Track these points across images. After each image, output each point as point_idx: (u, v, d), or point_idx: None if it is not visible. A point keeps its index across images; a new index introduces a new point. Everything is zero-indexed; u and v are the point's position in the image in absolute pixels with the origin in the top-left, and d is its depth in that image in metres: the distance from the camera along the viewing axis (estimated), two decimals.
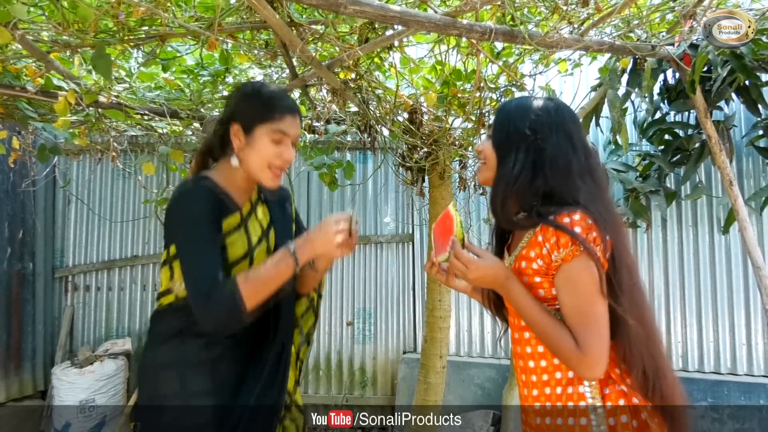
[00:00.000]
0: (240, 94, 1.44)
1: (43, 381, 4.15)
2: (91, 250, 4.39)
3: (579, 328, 1.09)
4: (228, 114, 1.42)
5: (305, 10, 1.97)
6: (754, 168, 3.40)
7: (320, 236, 1.27)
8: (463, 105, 2.51)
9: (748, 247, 2.33)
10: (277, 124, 1.36)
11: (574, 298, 1.11)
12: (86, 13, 1.59)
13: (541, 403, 1.20)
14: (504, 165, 1.21)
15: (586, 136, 1.27)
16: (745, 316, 3.38)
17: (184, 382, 1.36)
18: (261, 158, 1.36)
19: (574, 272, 1.10)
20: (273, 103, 1.38)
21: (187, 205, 1.33)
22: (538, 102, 1.25)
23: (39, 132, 2.95)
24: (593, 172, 1.20)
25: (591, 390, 1.15)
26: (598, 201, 1.15)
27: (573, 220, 1.10)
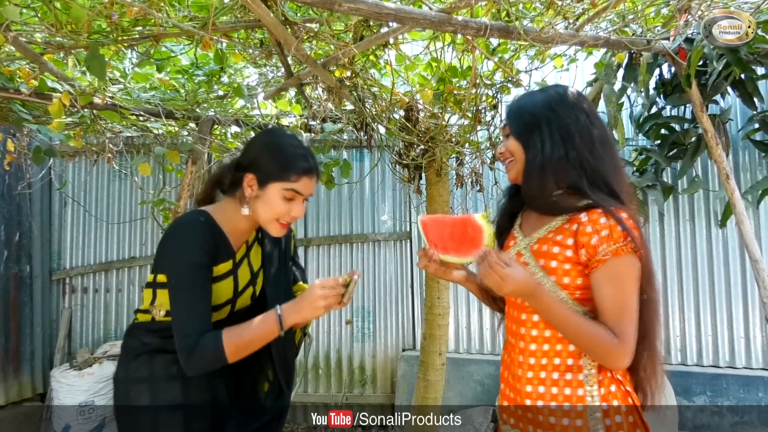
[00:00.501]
0: (262, 144, 1.43)
1: (42, 384, 4.15)
2: (88, 251, 4.38)
3: (619, 321, 1.12)
4: (246, 161, 1.40)
5: (299, 8, 1.96)
6: (751, 161, 3.41)
7: (306, 305, 1.28)
8: (459, 102, 2.51)
9: (745, 241, 2.33)
10: (293, 185, 1.36)
11: (618, 292, 1.13)
12: (79, 14, 1.58)
13: (534, 385, 1.20)
14: (532, 148, 1.21)
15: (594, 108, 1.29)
16: (743, 310, 3.39)
17: (155, 395, 1.38)
18: (270, 213, 1.37)
19: (623, 267, 1.12)
20: (292, 163, 1.37)
21: (184, 245, 1.33)
22: (546, 89, 1.28)
23: (34, 134, 2.94)
24: (610, 142, 1.24)
25: (589, 378, 1.16)
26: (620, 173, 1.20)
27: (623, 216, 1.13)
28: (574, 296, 1.17)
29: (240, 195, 1.40)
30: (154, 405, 1.37)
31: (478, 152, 2.78)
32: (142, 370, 1.40)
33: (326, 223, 4.20)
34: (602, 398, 1.14)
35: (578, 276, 1.16)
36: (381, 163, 3.89)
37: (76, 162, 4.32)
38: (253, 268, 1.49)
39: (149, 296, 1.41)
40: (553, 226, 1.21)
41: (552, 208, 1.22)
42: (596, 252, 1.12)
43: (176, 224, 1.41)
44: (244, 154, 1.44)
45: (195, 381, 1.37)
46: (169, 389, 1.38)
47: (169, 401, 1.37)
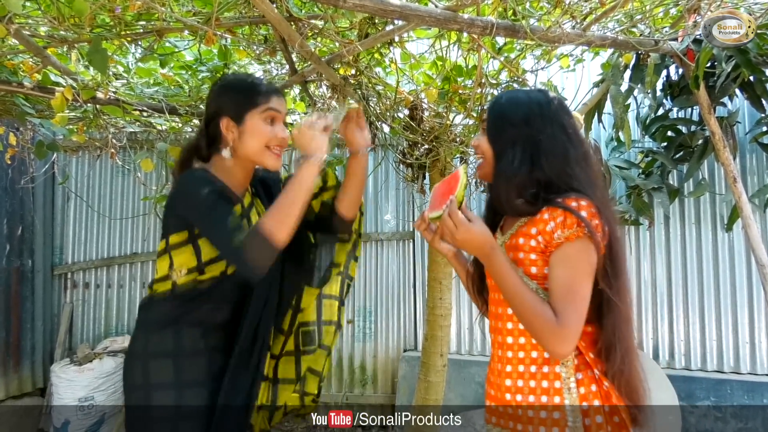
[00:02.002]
0: (220, 89, 1.45)
1: (42, 378, 4.15)
2: (90, 247, 4.38)
3: (563, 302, 1.11)
4: (212, 111, 1.42)
5: (304, 4, 1.95)
6: (758, 165, 3.38)
7: (301, 140, 1.30)
8: (464, 101, 2.49)
9: (752, 245, 2.31)
10: (266, 104, 1.38)
11: (566, 274, 1.13)
12: (82, 7, 1.57)
13: (513, 379, 1.21)
14: (502, 160, 1.23)
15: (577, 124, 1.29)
16: (748, 315, 3.36)
17: (179, 371, 1.34)
18: (259, 141, 1.38)
19: (574, 251, 1.13)
20: (256, 87, 1.41)
21: (196, 184, 1.33)
22: (529, 94, 1.28)
23: (37, 128, 2.93)
24: (588, 159, 1.23)
25: (566, 371, 1.16)
26: (595, 188, 1.19)
27: (580, 205, 1.13)
28: (544, 286, 1.18)
29: (223, 145, 1.40)
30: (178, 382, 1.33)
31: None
32: (166, 344, 1.36)
33: None
34: (581, 396, 1.14)
35: (545, 265, 1.18)
36: (384, 162, 3.87)
37: (79, 157, 4.32)
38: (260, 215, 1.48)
39: (165, 262, 1.38)
40: (522, 221, 1.24)
41: (517, 212, 1.24)
42: (552, 238, 1.14)
43: (179, 179, 1.40)
44: (208, 107, 1.45)
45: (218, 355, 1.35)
46: (194, 365, 1.35)
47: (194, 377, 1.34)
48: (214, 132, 1.42)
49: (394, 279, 4.10)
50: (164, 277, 1.39)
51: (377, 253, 4.13)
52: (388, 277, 4.10)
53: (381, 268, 4.12)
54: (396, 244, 4.11)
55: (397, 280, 4.09)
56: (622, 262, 1.18)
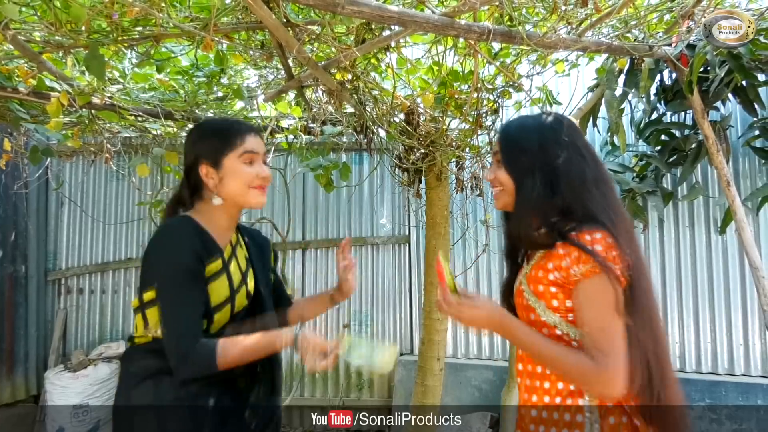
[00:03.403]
0: (196, 136, 1.45)
1: (36, 385, 4.11)
2: (84, 252, 4.35)
3: (599, 344, 1.08)
4: (191, 159, 1.41)
5: (301, 10, 1.95)
6: (751, 168, 3.41)
7: (305, 349, 1.29)
8: (460, 106, 2.50)
9: (745, 247, 2.33)
10: (243, 147, 1.37)
11: (593, 315, 1.11)
12: (79, 13, 1.56)
13: (538, 410, 1.20)
14: (523, 189, 1.21)
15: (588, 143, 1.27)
16: (742, 317, 3.39)
17: (161, 423, 1.32)
18: (240, 183, 1.37)
19: (594, 289, 1.10)
20: (231, 129, 1.40)
21: (170, 248, 1.31)
22: (538, 119, 1.26)
23: (31, 133, 2.92)
24: (605, 180, 1.21)
25: (590, 404, 1.14)
26: (612, 209, 1.16)
27: (594, 239, 1.10)
28: (567, 319, 1.16)
29: (206, 192, 1.40)
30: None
31: (479, 157, 2.77)
32: (147, 396, 1.33)
33: (325, 225, 4.19)
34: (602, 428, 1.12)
35: (566, 298, 1.15)
36: (380, 167, 3.88)
37: (74, 162, 4.30)
38: (241, 267, 1.46)
39: (141, 322, 1.36)
40: (541, 253, 1.22)
41: (535, 245, 1.23)
42: (569, 273, 1.12)
43: (159, 231, 1.38)
44: (186, 157, 1.44)
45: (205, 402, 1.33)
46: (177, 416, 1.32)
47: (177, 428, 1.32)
48: (195, 180, 1.41)
49: (390, 283, 4.10)
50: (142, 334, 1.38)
51: (373, 258, 4.13)
52: (384, 281, 4.10)
53: (377, 272, 4.12)
54: (392, 249, 4.12)
55: (392, 284, 4.09)
56: (645, 290, 1.14)
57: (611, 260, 1.09)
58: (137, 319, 1.38)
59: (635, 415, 1.13)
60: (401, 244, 4.10)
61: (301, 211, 4.19)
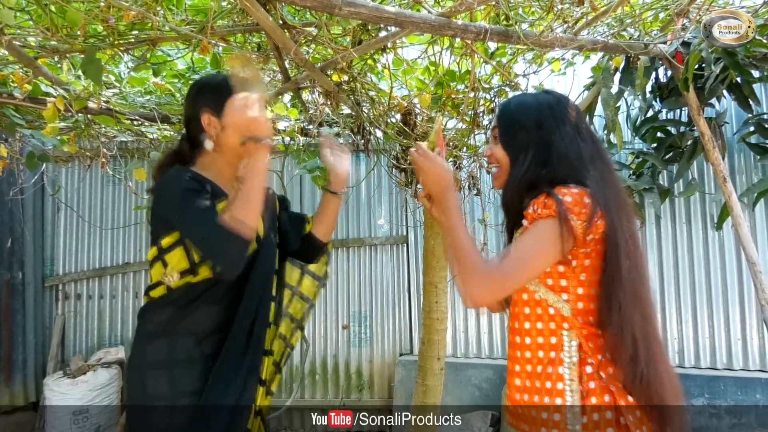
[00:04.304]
0: (197, 90, 1.47)
1: (35, 392, 4.09)
2: (81, 257, 4.34)
3: (506, 259, 1.14)
4: (192, 110, 1.43)
5: (298, 12, 1.95)
6: (746, 164, 3.42)
7: (243, 123, 1.29)
8: (457, 106, 2.50)
9: (742, 243, 2.34)
10: None
11: (522, 244, 1.15)
12: (75, 18, 1.56)
13: (521, 379, 1.22)
14: (516, 166, 1.24)
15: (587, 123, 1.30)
16: (739, 312, 3.41)
17: (174, 381, 1.33)
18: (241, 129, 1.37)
19: (541, 228, 1.13)
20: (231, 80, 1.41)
21: (172, 183, 1.33)
22: (537, 97, 1.28)
23: (27, 139, 2.91)
24: (603, 156, 1.23)
25: (569, 373, 1.15)
26: (607, 185, 1.17)
27: (569, 191, 1.12)
28: (546, 284, 1.18)
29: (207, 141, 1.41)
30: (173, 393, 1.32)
31: (476, 156, 2.78)
32: (160, 354, 1.35)
33: None
34: (582, 395, 1.13)
35: None
36: (378, 167, 3.87)
37: (70, 167, 4.29)
38: None
39: (159, 269, 1.36)
40: None
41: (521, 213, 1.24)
42: (532, 215, 1.15)
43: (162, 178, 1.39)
44: (188, 108, 1.46)
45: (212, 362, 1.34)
46: (188, 375, 1.33)
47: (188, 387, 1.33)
48: (195, 131, 1.42)
49: (389, 283, 4.10)
50: (158, 283, 1.38)
51: (371, 258, 4.13)
52: (383, 282, 4.10)
53: (375, 272, 4.12)
54: (390, 249, 4.12)
55: (391, 284, 4.09)
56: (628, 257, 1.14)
57: (575, 213, 1.10)
58: (155, 269, 1.38)
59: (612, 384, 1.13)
60: (399, 245, 4.10)
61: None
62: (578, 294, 1.16)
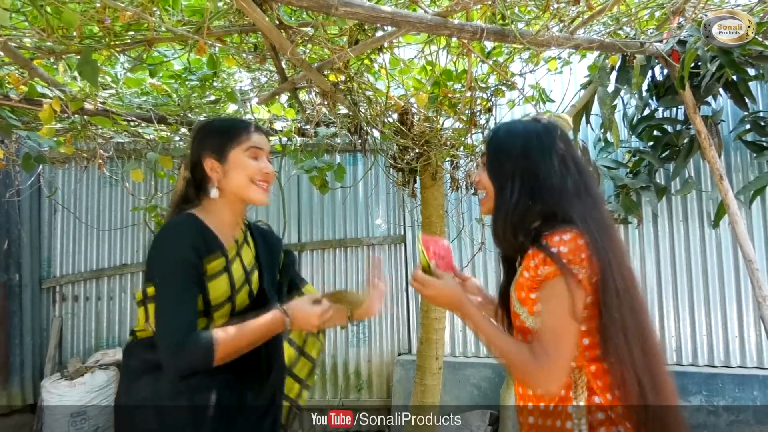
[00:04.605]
0: (201, 133, 1.47)
1: (32, 394, 4.08)
2: (78, 259, 4.32)
3: (544, 343, 1.11)
4: (196, 155, 1.43)
5: (294, 12, 1.95)
6: (743, 162, 3.43)
7: (302, 317, 1.33)
8: (453, 105, 2.51)
9: (739, 240, 2.34)
10: (248, 141, 1.40)
11: (547, 314, 1.13)
12: (71, 19, 1.55)
13: (534, 417, 1.21)
14: (502, 195, 1.23)
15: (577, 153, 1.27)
16: (737, 309, 3.41)
17: (161, 417, 1.32)
18: (244, 176, 1.39)
19: (553, 290, 1.11)
20: (237, 125, 1.44)
21: (170, 245, 1.33)
22: (526, 126, 1.26)
23: (23, 141, 2.90)
24: (589, 188, 1.21)
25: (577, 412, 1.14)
26: (593, 218, 1.16)
27: (562, 240, 1.11)
28: None
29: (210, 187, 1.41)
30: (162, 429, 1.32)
31: (473, 155, 2.78)
32: (146, 391, 1.34)
33: (320, 227, 4.18)
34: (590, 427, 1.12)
35: None
36: (375, 167, 3.88)
37: (66, 168, 4.27)
38: (246, 267, 1.46)
39: (143, 314, 1.37)
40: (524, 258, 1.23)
41: (517, 250, 1.24)
42: (536, 274, 1.13)
43: (162, 228, 1.40)
44: (192, 153, 1.46)
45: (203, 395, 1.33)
46: (177, 410, 1.32)
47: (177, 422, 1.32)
48: (200, 175, 1.43)
49: (386, 283, 4.08)
50: (142, 329, 1.39)
51: (369, 258, 4.12)
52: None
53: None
54: (387, 249, 4.12)
55: (389, 284, 4.09)
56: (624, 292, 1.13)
57: (577, 263, 1.09)
58: (140, 312, 1.39)
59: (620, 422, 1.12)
60: (397, 244, 4.10)
61: (296, 213, 4.19)
62: (582, 331, 1.15)
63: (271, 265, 1.58)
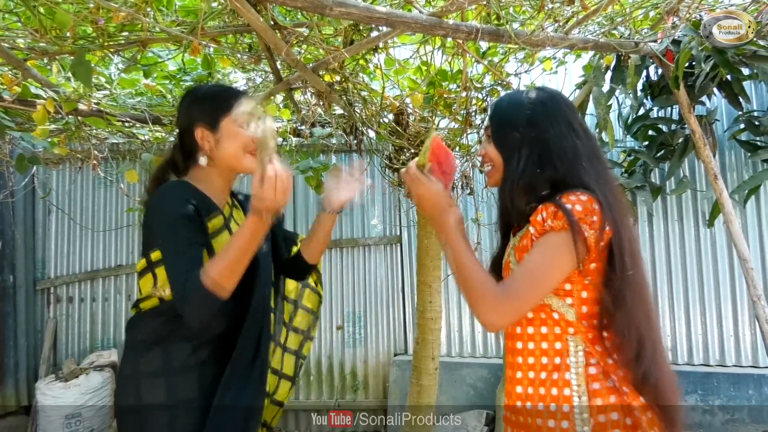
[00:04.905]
0: (191, 100, 1.44)
1: (26, 396, 4.06)
2: (73, 260, 4.30)
3: (517, 279, 1.11)
4: (185, 123, 1.40)
5: (289, 12, 1.94)
6: (737, 161, 3.45)
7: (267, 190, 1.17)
8: (449, 105, 2.51)
9: (734, 240, 2.35)
10: (242, 109, 1.37)
11: (535, 258, 1.12)
12: (64, 19, 1.54)
13: (523, 386, 1.19)
14: (509, 165, 1.21)
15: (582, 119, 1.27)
16: (732, 308, 3.43)
17: (171, 390, 1.31)
18: (237, 145, 1.37)
19: (553, 241, 1.10)
20: (228, 93, 1.41)
21: (168, 203, 1.30)
22: (530, 94, 1.25)
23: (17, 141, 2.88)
24: (598, 153, 1.21)
25: (576, 377, 1.12)
26: (606, 183, 1.16)
27: (578, 199, 1.10)
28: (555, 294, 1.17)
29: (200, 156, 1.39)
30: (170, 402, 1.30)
31: (469, 156, 2.78)
32: (156, 363, 1.32)
33: None
34: (589, 397, 1.10)
35: None
36: (371, 168, 3.87)
37: (60, 169, 4.25)
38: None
39: (149, 281, 1.33)
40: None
41: (524, 217, 1.22)
42: (543, 227, 1.12)
43: (156, 191, 1.37)
44: (180, 120, 1.43)
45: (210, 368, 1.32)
46: (186, 382, 1.31)
47: (185, 395, 1.30)
48: (189, 143, 1.40)
49: (382, 283, 4.09)
50: (147, 296, 1.36)
51: (365, 258, 4.12)
52: (376, 282, 4.10)
53: (369, 272, 4.11)
54: (383, 249, 4.12)
55: (385, 284, 4.09)
56: (631, 258, 1.12)
57: (587, 223, 1.08)
58: (144, 281, 1.35)
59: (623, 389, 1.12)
60: (393, 245, 4.10)
61: (291, 214, 4.18)
62: (582, 298, 1.15)
63: None
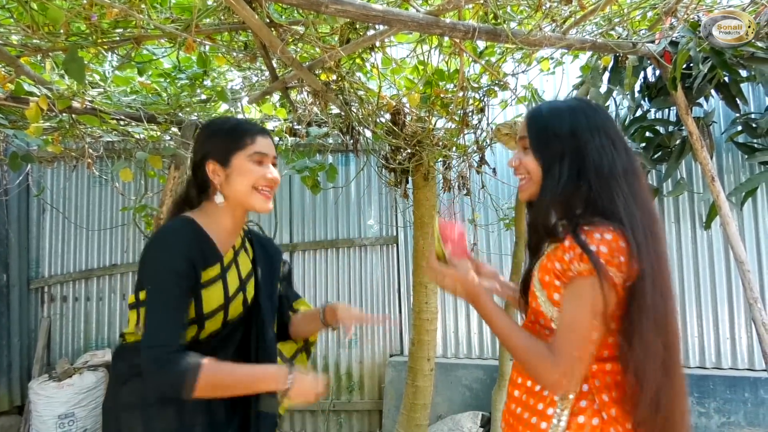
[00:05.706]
0: (205, 134, 1.42)
1: (20, 396, 4.03)
2: (67, 259, 4.28)
3: (560, 337, 1.09)
4: (199, 157, 1.39)
5: (285, 10, 1.93)
6: (734, 163, 3.44)
7: (301, 386, 1.26)
8: (446, 105, 2.50)
9: (731, 242, 2.34)
10: (253, 147, 1.36)
11: (570, 310, 1.09)
12: (57, 15, 1.53)
13: (520, 392, 1.21)
14: (549, 176, 1.16)
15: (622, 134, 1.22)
16: (728, 311, 3.42)
17: (148, 422, 1.30)
18: (246, 183, 1.35)
19: (583, 289, 1.07)
20: (242, 129, 1.38)
21: (165, 251, 1.28)
22: (570, 104, 1.21)
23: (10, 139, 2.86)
24: (636, 171, 1.16)
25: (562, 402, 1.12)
26: (640, 207, 1.11)
27: (603, 239, 1.05)
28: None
29: (212, 191, 1.38)
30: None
31: (465, 156, 2.77)
32: (134, 395, 1.31)
33: (312, 227, 4.16)
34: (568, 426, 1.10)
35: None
36: (367, 167, 3.87)
37: (55, 168, 4.23)
38: (241, 275, 1.44)
39: (134, 317, 1.35)
40: (556, 244, 1.18)
41: (553, 234, 1.19)
42: (569, 268, 1.08)
43: (158, 232, 1.36)
44: (195, 154, 1.42)
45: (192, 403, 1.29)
46: (163, 415, 1.30)
47: (163, 428, 1.29)
48: (201, 178, 1.38)
49: (379, 284, 4.08)
50: (132, 332, 1.37)
51: (361, 259, 4.11)
52: (373, 283, 4.08)
53: (365, 273, 4.10)
54: (380, 249, 4.10)
55: (381, 285, 4.08)
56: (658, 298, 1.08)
57: (614, 265, 1.04)
58: (131, 315, 1.37)
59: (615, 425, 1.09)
60: (389, 245, 4.09)
61: (288, 214, 4.16)
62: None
63: (269, 276, 1.54)
